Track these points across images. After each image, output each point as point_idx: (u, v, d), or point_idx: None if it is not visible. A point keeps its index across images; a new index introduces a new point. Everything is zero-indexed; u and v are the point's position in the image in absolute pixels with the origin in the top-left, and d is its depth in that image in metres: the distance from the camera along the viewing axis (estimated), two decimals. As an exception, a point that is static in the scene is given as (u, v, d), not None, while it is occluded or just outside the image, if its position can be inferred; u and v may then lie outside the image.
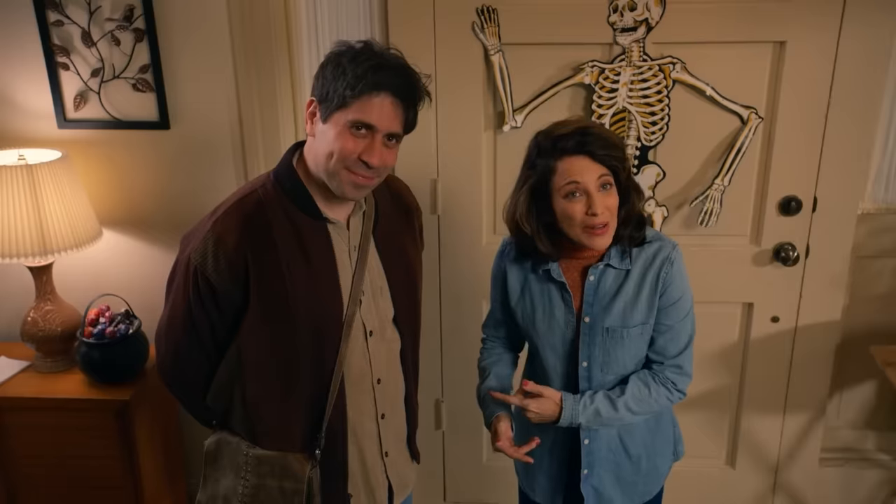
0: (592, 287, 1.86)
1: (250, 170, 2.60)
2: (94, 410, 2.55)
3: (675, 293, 1.86)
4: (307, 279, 1.67)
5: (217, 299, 1.66)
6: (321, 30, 2.62)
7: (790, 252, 2.64)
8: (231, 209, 1.67)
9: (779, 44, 2.45)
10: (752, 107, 2.52)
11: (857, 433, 3.05)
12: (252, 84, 2.54)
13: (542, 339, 1.93)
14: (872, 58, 2.44)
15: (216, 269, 1.63)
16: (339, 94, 1.56)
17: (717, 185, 2.60)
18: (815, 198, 2.60)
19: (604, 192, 1.76)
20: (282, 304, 1.65)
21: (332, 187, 1.66)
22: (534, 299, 1.93)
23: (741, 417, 2.90)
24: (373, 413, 1.85)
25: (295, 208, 1.67)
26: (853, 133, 2.52)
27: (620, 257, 1.86)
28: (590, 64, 2.49)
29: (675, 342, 1.89)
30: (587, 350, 1.88)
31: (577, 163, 1.75)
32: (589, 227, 1.76)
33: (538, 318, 1.92)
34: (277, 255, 1.65)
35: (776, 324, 2.75)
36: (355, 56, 1.58)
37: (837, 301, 2.72)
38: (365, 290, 1.76)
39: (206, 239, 1.64)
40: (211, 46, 2.49)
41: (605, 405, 1.88)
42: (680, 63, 2.47)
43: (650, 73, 2.48)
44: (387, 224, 1.82)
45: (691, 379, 1.93)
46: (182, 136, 2.59)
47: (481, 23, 2.45)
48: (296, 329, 1.68)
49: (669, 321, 1.88)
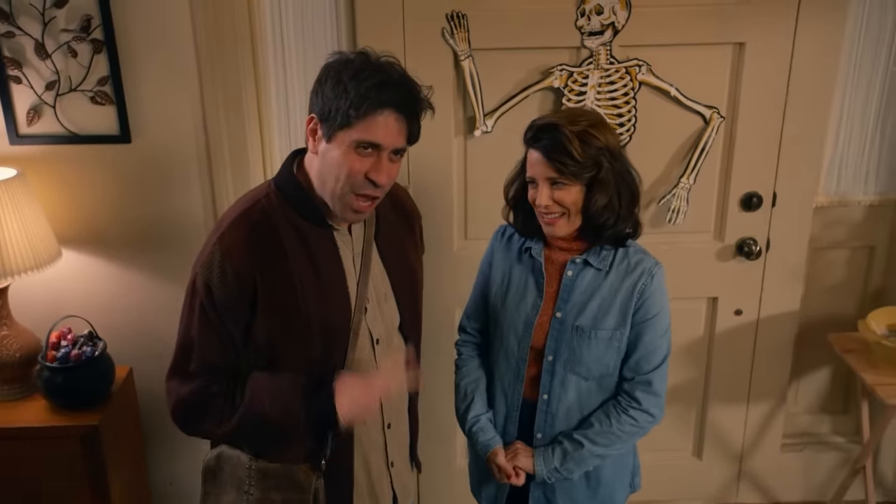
0: (569, 282, 1.89)
1: (217, 184, 2.54)
2: (59, 438, 2.42)
3: (652, 308, 1.87)
4: (318, 289, 1.65)
5: (226, 316, 1.62)
6: (287, 37, 2.58)
7: (752, 246, 2.72)
8: (237, 221, 1.64)
9: (738, 45, 2.53)
10: (714, 106, 2.59)
11: (814, 418, 3.16)
12: (217, 94, 2.48)
13: (506, 318, 1.95)
14: (825, 57, 2.54)
15: (224, 285, 1.60)
16: (342, 112, 1.54)
17: (682, 184, 2.66)
18: (774, 193, 2.69)
19: (556, 186, 1.80)
20: (293, 315, 1.63)
21: (334, 209, 1.65)
22: (511, 280, 1.96)
23: (707, 409, 2.97)
24: (379, 423, 1.82)
25: (300, 217, 1.65)
26: (808, 129, 2.61)
27: (600, 258, 1.88)
28: (558, 68, 2.51)
29: (648, 359, 1.90)
30: (554, 345, 1.90)
31: (534, 155, 1.82)
32: (541, 214, 1.83)
33: (509, 296, 1.95)
34: (288, 266, 1.62)
35: (739, 316, 2.83)
36: (356, 73, 1.56)
37: (796, 292, 2.82)
38: (370, 297, 1.74)
39: (212, 253, 1.61)
40: (174, 56, 2.41)
41: (569, 444, 1.92)
42: (645, 65, 2.52)
43: (617, 75, 2.53)
44: (388, 230, 1.81)
45: (661, 400, 1.93)
46: (144, 149, 2.50)
47: (451, 28, 2.45)
48: (305, 339, 1.66)
49: (646, 337, 1.89)
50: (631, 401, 1.90)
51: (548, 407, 1.94)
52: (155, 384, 2.56)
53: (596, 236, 1.86)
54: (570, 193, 1.80)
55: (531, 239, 1.94)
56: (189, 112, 2.47)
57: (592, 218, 1.83)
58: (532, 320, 1.92)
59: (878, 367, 2.62)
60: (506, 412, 2.01)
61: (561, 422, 1.94)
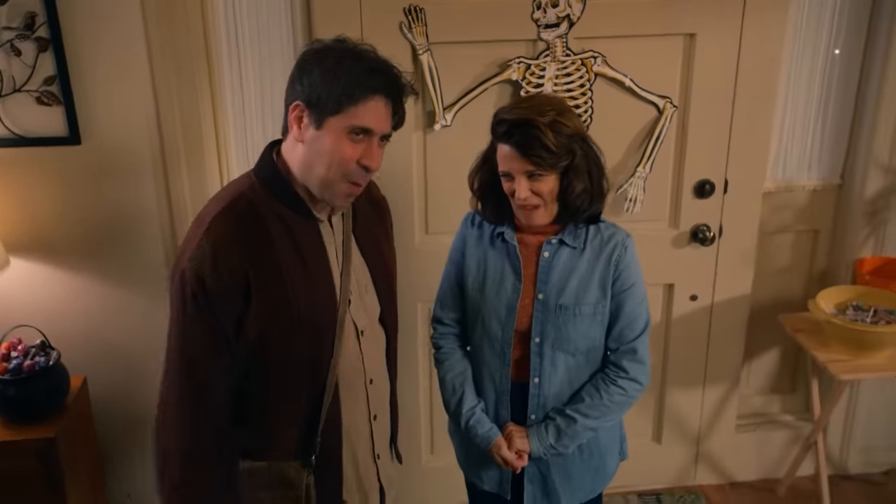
0: (546, 263, 1.91)
1: (172, 183, 2.50)
2: (14, 453, 2.34)
3: (629, 278, 1.92)
4: (305, 280, 1.63)
5: (219, 308, 1.57)
6: (241, 31, 2.53)
7: (706, 233, 2.77)
8: (223, 213, 1.59)
9: (689, 36, 2.57)
10: (667, 96, 2.63)
11: (765, 398, 3.24)
12: (171, 91, 2.42)
13: (487, 304, 1.95)
14: (769, 47, 2.61)
15: (216, 276, 1.55)
16: (333, 98, 1.54)
17: (639, 173, 2.70)
18: (725, 180, 2.74)
19: (533, 178, 1.82)
20: (283, 307, 1.60)
21: (322, 196, 1.64)
22: (487, 266, 1.96)
23: (665, 395, 3.02)
24: (366, 414, 1.81)
25: (285, 208, 1.63)
26: (755, 117, 2.67)
27: (574, 236, 1.91)
28: (516, 60, 2.52)
29: (631, 327, 1.94)
30: (539, 326, 1.91)
31: (506, 151, 1.82)
32: (521, 206, 1.85)
33: (488, 284, 1.95)
34: (276, 257, 1.60)
35: (694, 302, 2.88)
36: (343, 59, 1.56)
37: (748, 276, 2.88)
38: (352, 289, 1.73)
39: (201, 246, 1.56)
40: (125, 53, 2.36)
41: (562, 421, 1.94)
42: (601, 57, 2.55)
43: (573, 67, 2.55)
44: (364, 221, 1.81)
45: (647, 367, 1.96)
46: (95, 150, 2.43)
47: (409, 22, 2.44)
48: (295, 332, 1.63)
49: (625, 306, 1.93)
50: (618, 371, 1.93)
51: (540, 389, 1.95)
52: (111, 393, 2.63)
53: (571, 218, 1.89)
54: (548, 183, 1.82)
55: (502, 224, 1.96)
56: (142, 111, 2.42)
57: (570, 203, 1.86)
58: (514, 304, 1.93)
59: (829, 345, 2.70)
60: (495, 398, 2.01)
61: (552, 401, 1.96)
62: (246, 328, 1.60)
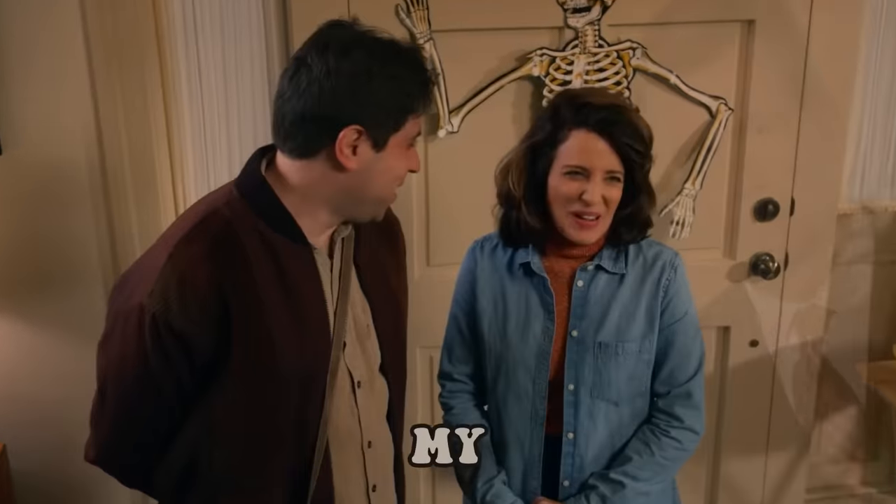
0: (581, 294, 1.76)
1: (116, 207, 2.27)
2: None
3: (680, 306, 1.77)
4: (292, 319, 1.49)
5: (185, 351, 1.44)
6: (201, 22, 2.26)
7: (769, 264, 2.47)
8: (193, 234, 1.44)
9: (747, 23, 2.32)
10: (721, 97, 2.36)
11: (840, 467, 2.96)
12: (115, 96, 2.19)
13: (511, 353, 1.81)
14: (845, 36, 2.36)
15: (184, 315, 1.40)
16: (398, 110, 1.43)
17: (687, 191, 2.41)
18: (792, 200, 2.46)
19: (608, 182, 1.68)
20: (263, 352, 1.47)
21: (356, 214, 1.54)
22: (507, 305, 1.81)
23: (720, 462, 2.69)
24: (362, 485, 1.65)
25: (272, 231, 1.48)
26: (828, 123, 2.41)
27: (615, 259, 1.77)
28: (538, 52, 2.26)
29: (683, 367, 1.79)
30: (574, 370, 1.76)
31: (592, 142, 1.67)
32: (577, 215, 1.69)
33: (510, 328, 1.81)
34: (258, 289, 1.45)
35: (755, 348, 2.57)
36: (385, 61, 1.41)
37: (819, 317, 2.59)
38: (349, 330, 1.59)
39: (163, 276, 1.41)
40: (59, 56, 2.14)
41: (607, 487, 1.77)
42: (640, 48, 2.28)
43: (607, 60, 2.28)
44: (369, 246, 1.65)
45: (702, 413, 1.82)
46: (20, 163, 2.18)
47: (407, 5, 2.18)
48: (278, 381, 1.50)
49: (676, 341, 1.78)
50: (670, 419, 1.79)
51: (575, 448, 1.78)
52: (36, 464, 2.38)
53: (618, 239, 1.76)
54: (619, 190, 1.69)
55: (523, 249, 1.79)
56: (78, 119, 2.20)
57: (623, 223, 1.73)
58: (547, 349, 1.77)
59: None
60: (523, 467, 1.83)
61: (591, 463, 1.80)
62: (215, 376, 1.48)
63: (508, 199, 1.75)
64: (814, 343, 2.59)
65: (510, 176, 1.75)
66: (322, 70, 1.38)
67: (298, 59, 1.40)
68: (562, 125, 1.68)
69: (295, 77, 1.38)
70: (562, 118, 1.68)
